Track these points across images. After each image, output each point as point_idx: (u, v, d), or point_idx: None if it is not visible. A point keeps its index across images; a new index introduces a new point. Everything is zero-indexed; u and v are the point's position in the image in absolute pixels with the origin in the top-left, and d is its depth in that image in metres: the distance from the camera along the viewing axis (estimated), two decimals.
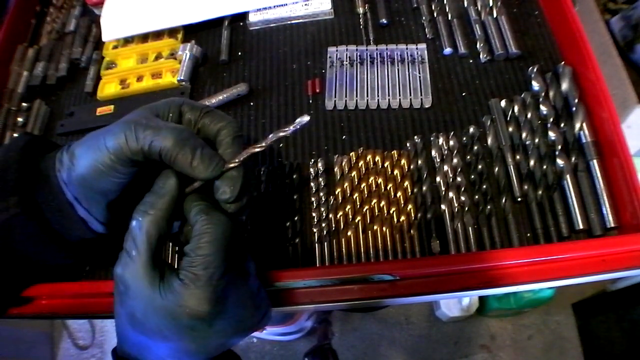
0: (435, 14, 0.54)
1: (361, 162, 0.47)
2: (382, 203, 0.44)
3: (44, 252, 0.37)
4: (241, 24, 0.59)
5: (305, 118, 0.32)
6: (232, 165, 0.32)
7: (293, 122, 0.32)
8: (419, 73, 0.51)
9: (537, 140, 0.44)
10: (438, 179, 0.45)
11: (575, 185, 0.41)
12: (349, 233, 0.44)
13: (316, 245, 0.44)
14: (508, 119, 0.46)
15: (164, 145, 0.30)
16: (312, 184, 0.47)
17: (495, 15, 0.52)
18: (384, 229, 0.43)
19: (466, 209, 0.43)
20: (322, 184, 0.46)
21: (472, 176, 0.44)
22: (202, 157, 0.31)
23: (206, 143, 0.34)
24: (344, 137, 0.49)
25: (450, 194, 0.44)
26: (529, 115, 0.46)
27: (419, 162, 0.46)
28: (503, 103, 0.47)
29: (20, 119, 0.58)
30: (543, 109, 0.45)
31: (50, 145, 0.39)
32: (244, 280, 0.33)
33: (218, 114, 0.35)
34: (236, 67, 0.56)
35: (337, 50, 0.54)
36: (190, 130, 0.32)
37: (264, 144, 0.32)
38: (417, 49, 0.52)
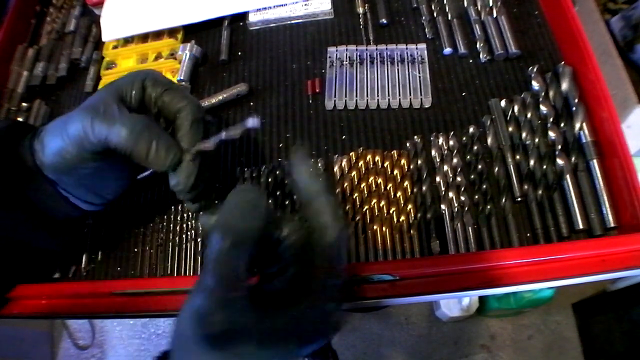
0: (435, 14, 0.54)
1: (361, 162, 0.47)
2: (382, 203, 0.44)
3: (31, 235, 0.37)
4: (241, 24, 0.59)
5: (254, 121, 0.30)
6: (187, 158, 0.32)
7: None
8: (419, 73, 0.50)
9: (537, 140, 0.44)
10: (438, 179, 0.45)
11: (575, 185, 0.41)
12: (349, 233, 0.44)
13: None
14: (508, 119, 0.46)
15: (118, 141, 0.30)
16: None
17: (495, 15, 0.52)
18: (384, 229, 0.43)
19: (466, 209, 0.43)
20: None
21: (472, 176, 0.44)
22: (158, 150, 0.31)
23: (166, 121, 0.34)
24: (344, 137, 0.49)
25: (450, 194, 0.44)
26: (529, 115, 0.46)
27: (419, 162, 0.45)
28: (503, 103, 0.47)
29: (20, 119, 0.58)
30: (543, 108, 0.45)
31: (31, 129, 0.38)
32: None
33: (179, 93, 0.34)
34: (236, 67, 0.56)
35: (337, 50, 0.54)
36: (145, 121, 0.31)
37: (212, 142, 0.32)
38: (417, 49, 0.52)
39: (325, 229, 0.29)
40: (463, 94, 0.49)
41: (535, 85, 0.47)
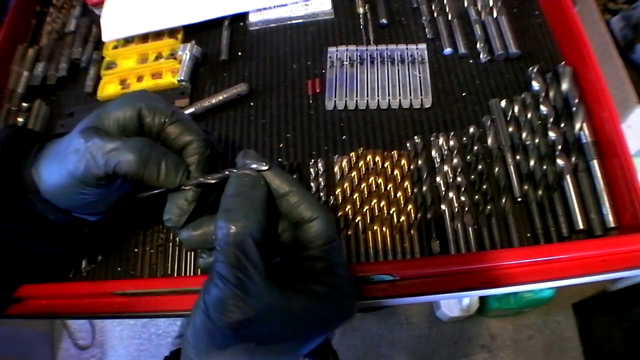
0: (435, 14, 0.54)
1: (361, 162, 0.47)
2: (382, 203, 0.44)
3: (30, 241, 0.37)
4: (241, 24, 0.59)
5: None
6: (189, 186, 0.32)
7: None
8: (419, 73, 0.50)
9: (537, 140, 0.44)
10: (438, 179, 0.45)
11: (576, 185, 0.41)
12: (349, 233, 0.44)
13: None
14: (508, 119, 0.46)
15: (128, 170, 0.30)
16: (312, 184, 0.47)
17: (495, 15, 0.52)
18: (384, 229, 0.43)
19: (466, 209, 0.43)
20: (322, 184, 0.46)
21: (472, 176, 0.44)
22: (168, 171, 0.30)
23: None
24: (344, 137, 0.49)
25: (450, 194, 0.44)
26: (529, 115, 0.46)
27: (419, 162, 0.45)
28: (503, 103, 0.47)
29: (20, 119, 0.58)
30: (543, 109, 0.45)
31: (34, 136, 0.38)
32: None
33: (184, 125, 0.32)
34: (236, 67, 0.56)
35: (337, 50, 0.54)
36: (149, 144, 0.31)
37: (215, 178, 0.31)
38: (417, 49, 0.52)
39: (309, 222, 0.29)
40: (463, 94, 0.49)
41: (535, 85, 0.47)
